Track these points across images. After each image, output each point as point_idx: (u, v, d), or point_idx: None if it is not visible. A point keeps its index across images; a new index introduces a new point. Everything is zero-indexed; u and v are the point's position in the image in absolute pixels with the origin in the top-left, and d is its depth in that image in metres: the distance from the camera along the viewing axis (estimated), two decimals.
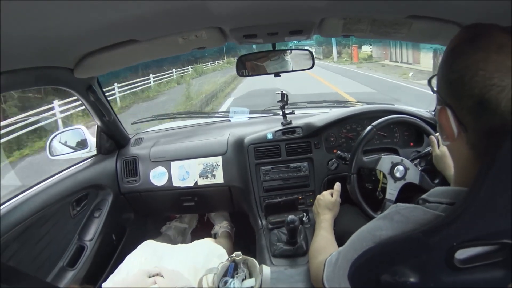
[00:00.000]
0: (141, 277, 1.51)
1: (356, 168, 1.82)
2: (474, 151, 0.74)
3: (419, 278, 0.70)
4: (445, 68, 0.77)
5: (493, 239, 0.67)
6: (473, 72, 0.69)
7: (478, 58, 0.70)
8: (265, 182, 2.26)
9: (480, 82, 0.68)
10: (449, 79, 0.75)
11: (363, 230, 0.89)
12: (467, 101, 0.71)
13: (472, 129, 0.72)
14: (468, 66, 0.70)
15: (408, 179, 1.74)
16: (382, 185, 1.80)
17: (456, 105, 0.74)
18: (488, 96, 0.67)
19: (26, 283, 1.50)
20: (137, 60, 1.70)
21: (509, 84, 0.66)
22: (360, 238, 0.88)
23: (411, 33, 1.41)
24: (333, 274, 0.99)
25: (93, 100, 1.93)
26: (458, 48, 0.75)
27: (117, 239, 2.37)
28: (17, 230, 1.58)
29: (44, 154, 2.25)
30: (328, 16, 1.39)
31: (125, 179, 2.35)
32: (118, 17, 1.07)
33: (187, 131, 2.70)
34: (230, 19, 1.35)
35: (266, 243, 1.94)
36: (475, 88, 0.68)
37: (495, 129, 0.68)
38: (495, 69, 0.67)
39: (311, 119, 2.34)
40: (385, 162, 1.76)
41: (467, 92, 0.70)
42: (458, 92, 0.73)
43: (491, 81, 0.67)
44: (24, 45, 1.09)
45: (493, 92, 0.66)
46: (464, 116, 0.73)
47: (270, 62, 1.93)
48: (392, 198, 1.73)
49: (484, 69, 0.68)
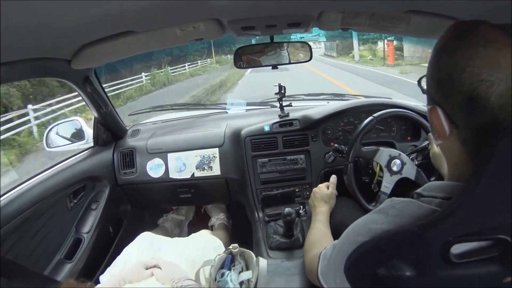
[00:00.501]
0: (138, 269, 1.52)
1: (354, 157, 1.83)
2: (466, 148, 0.74)
3: (415, 272, 0.70)
4: (434, 67, 0.78)
5: (488, 234, 0.68)
6: (461, 69, 0.70)
7: (465, 54, 0.70)
8: (262, 175, 2.26)
9: (468, 78, 0.68)
10: (438, 78, 0.76)
11: (358, 223, 0.89)
12: (456, 98, 0.71)
13: (463, 126, 0.73)
14: (456, 63, 0.71)
15: (404, 173, 1.75)
16: (378, 178, 1.80)
17: (446, 103, 0.74)
18: (477, 92, 0.67)
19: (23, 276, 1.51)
20: (135, 52, 1.69)
21: (498, 78, 0.66)
22: (355, 232, 0.89)
23: (409, 28, 1.41)
24: (328, 268, 1.00)
25: (90, 91, 1.93)
26: (446, 46, 0.76)
27: (114, 231, 2.37)
28: (14, 223, 1.58)
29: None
30: (326, 10, 1.39)
31: (122, 171, 2.35)
32: (116, 9, 1.06)
33: (184, 122, 2.70)
34: (228, 11, 1.34)
35: (263, 236, 1.94)
36: (464, 85, 0.69)
37: (485, 125, 0.68)
38: (483, 65, 0.67)
39: (308, 111, 2.34)
40: (383, 155, 1.76)
41: (456, 89, 0.70)
42: (448, 90, 0.73)
43: (479, 77, 0.67)
44: (22, 37, 1.08)
45: (482, 87, 0.67)
46: (455, 113, 0.73)
47: (266, 57, 1.94)
48: (387, 191, 1.73)
49: (472, 65, 0.68)
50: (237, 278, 1.47)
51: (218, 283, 1.46)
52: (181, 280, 1.42)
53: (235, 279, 1.46)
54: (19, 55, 1.26)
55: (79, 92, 1.93)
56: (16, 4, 0.80)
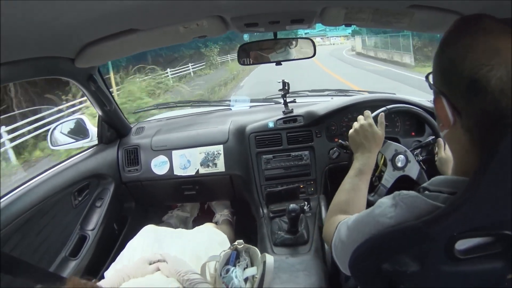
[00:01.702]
0: (142, 264, 1.53)
1: None
2: (470, 135, 0.75)
3: (420, 267, 0.70)
4: (438, 58, 0.79)
5: (492, 230, 0.68)
6: (463, 56, 0.71)
7: (466, 42, 0.72)
8: (266, 171, 2.26)
9: (469, 64, 0.70)
10: (441, 67, 0.78)
11: (369, 214, 0.88)
12: (458, 85, 0.72)
13: (466, 113, 0.74)
14: (457, 52, 0.73)
15: (407, 171, 1.73)
16: (380, 171, 1.79)
17: (449, 92, 0.76)
18: (478, 76, 0.69)
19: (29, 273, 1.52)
20: (138, 49, 1.69)
21: (497, 63, 0.67)
22: (364, 222, 0.88)
23: (412, 23, 1.40)
24: (342, 253, 0.96)
25: (94, 89, 1.93)
26: (449, 37, 0.78)
27: (118, 228, 2.39)
28: (19, 221, 1.59)
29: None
30: (329, 6, 1.39)
31: (126, 168, 2.36)
32: (119, 6, 1.06)
33: (188, 119, 2.70)
34: (231, 7, 1.34)
35: (267, 232, 1.95)
36: (465, 70, 0.70)
37: (488, 111, 0.69)
38: (483, 50, 0.69)
39: (312, 107, 2.33)
40: (389, 148, 1.74)
41: (458, 76, 0.72)
42: (450, 78, 0.75)
43: (479, 61, 0.69)
44: (25, 36, 1.09)
45: (482, 71, 0.68)
46: (458, 100, 0.74)
47: (274, 52, 1.94)
48: (387, 185, 1.71)
49: (473, 51, 0.70)
50: (242, 275, 1.48)
51: (223, 279, 1.47)
52: (188, 274, 1.43)
53: (240, 275, 1.47)
54: (22, 54, 1.26)
55: (83, 91, 1.94)
56: (18, 4, 0.80)
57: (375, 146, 1.43)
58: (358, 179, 1.32)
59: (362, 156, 1.41)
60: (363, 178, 1.33)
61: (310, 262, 1.72)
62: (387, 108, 1.75)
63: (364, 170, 1.35)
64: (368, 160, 1.38)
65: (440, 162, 1.67)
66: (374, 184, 1.78)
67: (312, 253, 1.79)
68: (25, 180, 1.75)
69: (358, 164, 1.37)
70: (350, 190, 1.29)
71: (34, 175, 1.81)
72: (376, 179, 1.77)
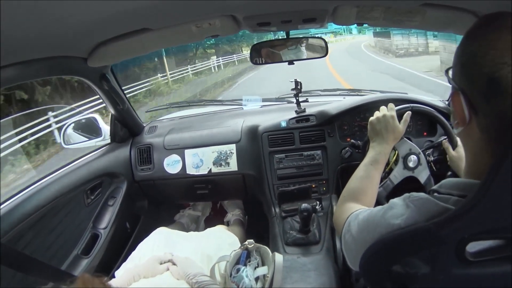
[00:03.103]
0: (153, 264, 1.53)
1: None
2: (485, 135, 0.73)
3: (430, 269, 0.70)
4: (459, 52, 0.77)
5: (504, 232, 0.67)
6: (485, 51, 0.69)
7: (490, 38, 0.69)
8: (278, 170, 2.26)
9: (490, 60, 0.67)
10: (462, 61, 0.75)
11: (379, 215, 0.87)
12: (477, 81, 0.70)
13: (483, 112, 0.71)
14: (479, 46, 0.70)
15: (416, 173, 1.70)
16: (390, 168, 1.76)
17: (467, 88, 0.73)
18: (498, 74, 0.66)
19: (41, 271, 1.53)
20: (151, 49, 1.70)
21: None
22: (375, 222, 0.87)
23: (424, 22, 1.39)
24: (350, 247, 0.95)
25: (107, 88, 1.94)
26: (471, 33, 0.75)
27: (131, 227, 2.40)
28: (32, 219, 1.61)
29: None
30: (341, 4, 1.38)
31: (139, 167, 2.38)
32: (131, 6, 1.07)
33: (201, 119, 2.71)
34: (244, 7, 1.34)
35: (279, 231, 1.95)
36: (486, 67, 0.68)
37: (506, 112, 0.67)
38: (507, 48, 0.66)
39: (325, 107, 2.32)
40: (405, 145, 1.71)
41: (478, 71, 0.69)
42: (469, 73, 0.72)
43: (502, 59, 0.66)
44: (39, 36, 1.10)
45: (504, 71, 0.65)
46: (475, 98, 0.72)
47: (287, 51, 1.93)
48: (394, 181, 1.67)
49: (495, 48, 0.67)
50: (252, 274, 1.47)
51: (233, 278, 1.47)
52: (197, 276, 1.43)
53: (251, 274, 1.47)
54: (35, 54, 1.27)
55: (96, 90, 1.95)
56: (31, 4, 0.81)
57: (393, 139, 1.45)
58: (373, 168, 1.32)
59: (379, 146, 1.42)
60: (378, 167, 1.34)
61: (322, 262, 1.72)
62: (410, 105, 1.73)
63: (379, 159, 1.36)
64: (384, 150, 1.40)
65: (451, 160, 1.66)
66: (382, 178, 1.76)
67: (324, 253, 1.79)
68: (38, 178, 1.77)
69: (374, 153, 1.39)
70: (364, 178, 1.30)
71: (47, 173, 1.83)
72: (385, 173, 1.76)
